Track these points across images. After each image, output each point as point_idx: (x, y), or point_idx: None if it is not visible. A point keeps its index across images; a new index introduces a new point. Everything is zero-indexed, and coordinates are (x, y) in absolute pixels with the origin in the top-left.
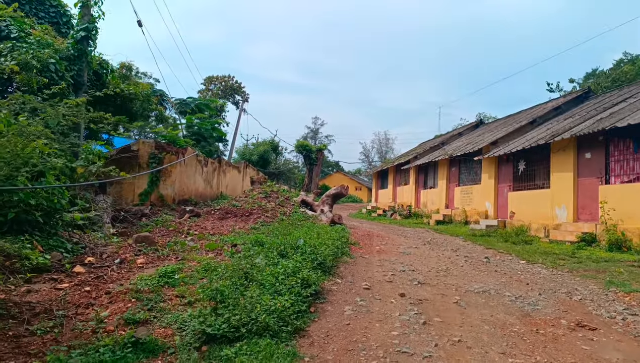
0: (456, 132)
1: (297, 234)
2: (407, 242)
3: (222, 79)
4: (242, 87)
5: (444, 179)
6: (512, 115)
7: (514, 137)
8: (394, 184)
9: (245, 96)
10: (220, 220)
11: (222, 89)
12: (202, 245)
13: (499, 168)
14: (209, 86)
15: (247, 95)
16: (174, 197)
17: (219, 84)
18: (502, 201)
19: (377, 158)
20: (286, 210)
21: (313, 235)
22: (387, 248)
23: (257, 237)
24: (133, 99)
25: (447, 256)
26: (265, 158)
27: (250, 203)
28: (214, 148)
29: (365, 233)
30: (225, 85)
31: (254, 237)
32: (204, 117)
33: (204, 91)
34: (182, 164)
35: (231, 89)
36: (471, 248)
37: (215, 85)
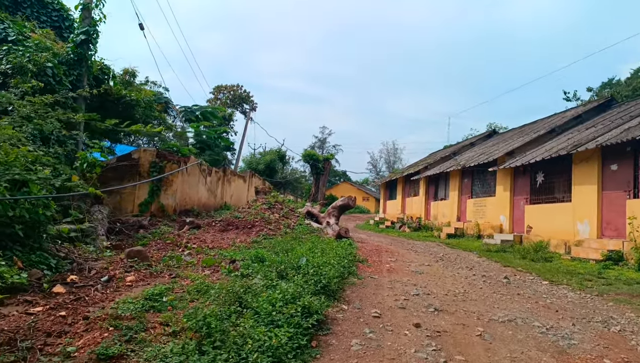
0: (468, 142)
1: (299, 251)
2: (418, 259)
3: (231, 88)
4: (250, 96)
5: (456, 191)
6: (528, 124)
7: (532, 147)
8: (402, 195)
9: (254, 105)
10: (221, 233)
11: (231, 98)
12: (200, 261)
13: (515, 180)
14: (218, 95)
15: (255, 105)
16: (175, 208)
17: (227, 93)
18: (518, 214)
19: (385, 168)
20: (290, 222)
21: (317, 251)
22: (398, 266)
23: (258, 253)
24: (135, 105)
25: (464, 275)
26: (272, 167)
27: (253, 215)
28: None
29: (373, 248)
30: (234, 95)
31: (254, 252)
32: (209, 125)
33: (213, 100)
34: (185, 173)
35: (240, 98)
36: (487, 265)
37: (224, 94)
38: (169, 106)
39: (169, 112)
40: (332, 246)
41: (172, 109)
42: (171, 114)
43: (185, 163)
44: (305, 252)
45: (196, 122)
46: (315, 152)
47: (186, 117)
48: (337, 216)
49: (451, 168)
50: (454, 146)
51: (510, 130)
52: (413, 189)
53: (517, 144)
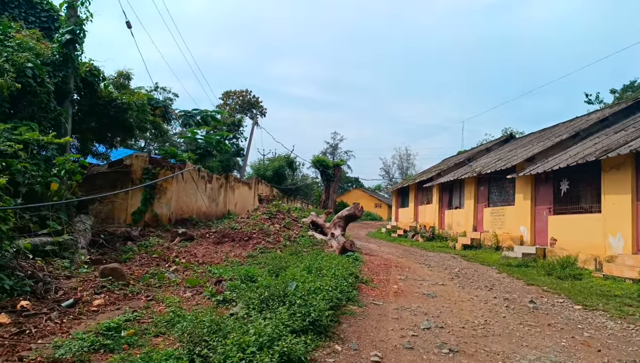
0: (483, 147)
1: (292, 272)
2: (431, 276)
3: (240, 94)
4: (259, 102)
5: (472, 199)
6: (548, 128)
7: (554, 153)
8: (415, 203)
9: (263, 110)
10: (215, 245)
11: (240, 104)
12: (185, 279)
13: (537, 188)
14: (227, 101)
15: (264, 110)
16: (170, 217)
17: (236, 99)
18: (540, 225)
19: (398, 174)
20: (292, 233)
21: (313, 271)
22: (407, 287)
23: (248, 272)
24: (127, 109)
25: (483, 298)
26: (280, 173)
27: (251, 226)
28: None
29: (382, 262)
30: (243, 100)
31: (245, 270)
32: (209, 129)
33: (222, 106)
34: (181, 180)
35: (249, 104)
36: (509, 284)
37: (233, 99)
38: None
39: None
40: (334, 263)
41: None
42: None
43: (181, 169)
44: (300, 272)
45: (195, 127)
46: (325, 158)
47: (185, 121)
48: (343, 227)
49: (466, 175)
50: (469, 152)
51: (529, 135)
52: (426, 197)
53: (537, 149)
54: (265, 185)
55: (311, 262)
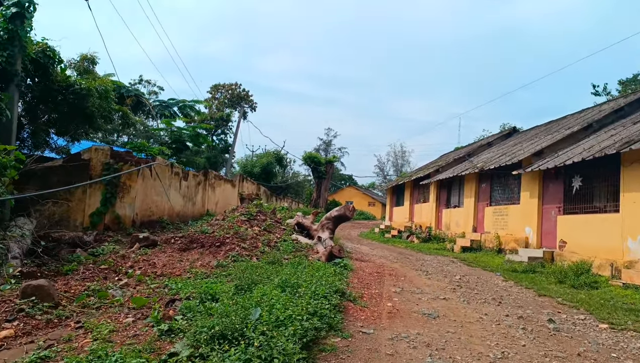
0: (484, 141)
1: (261, 291)
2: (430, 286)
3: (229, 87)
4: (249, 96)
5: (472, 197)
6: (555, 120)
7: (564, 146)
8: (410, 201)
9: (253, 105)
10: (181, 253)
11: (229, 98)
12: (134, 296)
13: (545, 185)
14: (215, 95)
15: (254, 104)
16: (134, 219)
17: (225, 93)
18: (547, 226)
19: (393, 171)
20: (273, 237)
21: (290, 287)
22: (404, 303)
23: (210, 288)
24: (86, 95)
25: (494, 317)
26: (268, 170)
27: (225, 229)
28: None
29: (374, 270)
30: (232, 94)
31: (207, 286)
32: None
33: (210, 100)
34: (149, 177)
35: (238, 98)
36: (518, 295)
37: (221, 93)
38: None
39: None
40: (316, 276)
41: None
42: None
43: (151, 166)
44: (271, 290)
45: (171, 118)
46: (316, 154)
47: (160, 112)
48: (331, 229)
49: (466, 171)
50: (468, 146)
51: (534, 128)
52: (422, 195)
53: (546, 142)
54: (252, 182)
55: (289, 274)
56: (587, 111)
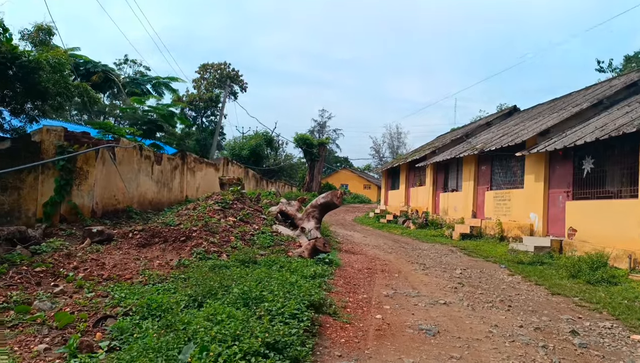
0: (483, 121)
1: (212, 308)
2: (428, 285)
3: (218, 67)
4: (239, 75)
5: (471, 180)
6: (560, 98)
7: (572, 125)
8: (406, 184)
9: (243, 85)
10: (139, 249)
11: (218, 78)
12: (64, 309)
13: (552, 167)
14: (204, 75)
15: (245, 84)
16: (93, 208)
17: (214, 72)
18: (555, 212)
19: (389, 153)
20: (249, 229)
21: (253, 300)
22: (396, 314)
23: (155, 300)
24: (36, 68)
25: (506, 331)
26: (257, 153)
27: (194, 220)
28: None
29: (364, 265)
30: (221, 74)
31: (152, 297)
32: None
33: (199, 80)
34: (111, 162)
35: (227, 78)
36: (528, 293)
37: (210, 73)
38: (110, 77)
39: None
40: (290, 281)
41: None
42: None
43: (113, 147)
44: (226, 307)
45: (142, 96)
46: (309, 136)
47: (131, 90)
48: (317, 218)
49: (465, 153)
50: (467, 127)
51: (536, 107)
52: (419, 178)
53: (552, 121)
54: (238, 166)
55: (255, 281)
56: (595, 87)
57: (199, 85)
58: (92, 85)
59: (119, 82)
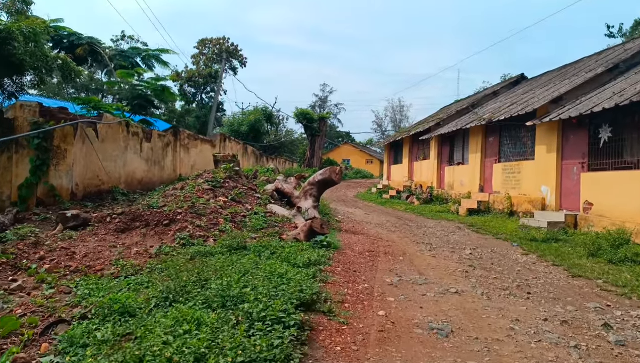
0: (489, 90)
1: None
2: (436, 269)
3: (217, 42)
4: (238, 50)
5: (478, 152)
6: (570, 64)
7: (586, 91)
8: (409, 158)
9: (243, 60)
10: (117, 235)
11: (217, 53)
12: (14, 311)
13: (565, 137)
14: (202, 50)
15: (244, 59)
16: (73, 190)
17: (212, 47)
18: (568, 185)
19: (391, 127)
20: (241, 209)
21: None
22: (402, 309)
23: (118, 300)
24: (8, 38)
25: (528, 325)
26: (257, 128)
27: (180, 201)
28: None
29: (366, 247)
30: (220, 48)
31: (117, 296)
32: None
33: (197, 55)
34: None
35: (226, 52)
36: (546, 276)
37: (209, 48)
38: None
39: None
40: (278, 272)
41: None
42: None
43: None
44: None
45: (129, 70)
46: (309, 110)
47: (119, 63)
48: (315, 196)
49: (471, 123)
50: (472, 97)
51: (545, 74)
52: (422, 151)
53: (564, 87)
54: (236, 142)
55: (240, 272)
56: (608, 51)
57: (197, 60)
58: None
59: (105, 55)
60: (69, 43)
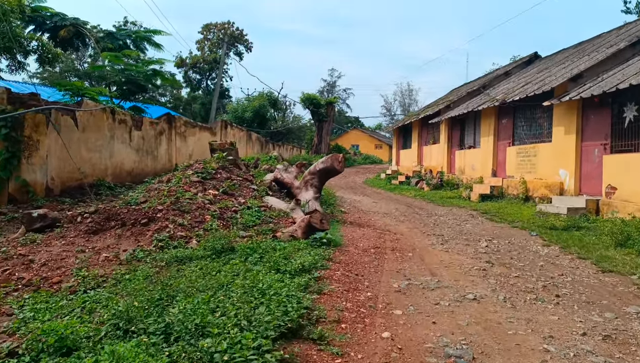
0: (501, 71)
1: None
2: (449, 267)
3: (222, 26)
4: (244, 35)
5: (490, 135)
6: (588, 40)
7: (608, 68)
8: (419, 143)
9: (249, 45)
10: (88, 237)
11: (222, 38)
12: None
13: (585, 117)
14: (207, 35)
15: (250, 44)
16: (48, 185)
17: (217, 32)
18: (589, 168)
19: (400, 111)
20: (232, 204)
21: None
22: (411, 327)
23: (51, 332)
24: None
25: (566, 346)
26: (261, 114)
27: (164, 196)
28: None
29: (371, 244)
30: (225, 33)
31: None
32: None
33: (202, 41)
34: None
35: (232, 37)
36: (574, 272)
37: (213, 33)
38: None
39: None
40: (263, 286)
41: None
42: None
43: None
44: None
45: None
46: (315, 95)
47: (106, 45)
48: (317, 186)
49: (483, 105)
50: (483, 78)
51: (561, 52)
52: (432, 135)
53: (584, 64)
54: (239, 129)
55: (214, 287)
56: (629, 26)
57: (202, 46)
58: (61, 41)
59: (91, 37)
60: (53, 24)
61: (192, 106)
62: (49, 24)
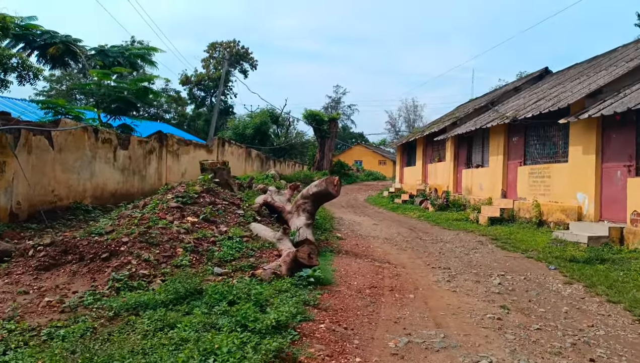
0: (510, 86)
1: None
2: (457, 314)
3: (227, 45)
4: (249, 53)
5: (500, 154)
6: (604, 54)
7: (629, 83)
8: (424, 160)
9: (254, 63)
10: (37, 274)
11: (224, 56)
12: None
13: (606, 136)
14: (213, 54)
15: (255, 62)
16: (12, 210)
17: (223, 51)
18: (611, 192)
19: (405, 127)
20: (211, 234)
21: None
22: None
23: None
24: None
25: None
26: (263, 131)
27: (134, 224)
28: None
29: (367, 282)
30: (230, 52)
31: None
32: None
33: (207, 59)
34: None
35: (237, 56)
36: (604, 321)
37: (219, 52)
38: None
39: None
40: (223, 353)
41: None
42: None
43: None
44: None
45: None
46: (318, 112)
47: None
48: (310, 211)
49: (492, 122)
50: (491, 94)
51: (573, 66)
52: (437, 153)
53: (603, 79)
54: (238, 146)
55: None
56: None
57: (207, 64)
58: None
59: (82, 55)
60: (43, 42)
61: (196, 122)
62: (39, 42)
